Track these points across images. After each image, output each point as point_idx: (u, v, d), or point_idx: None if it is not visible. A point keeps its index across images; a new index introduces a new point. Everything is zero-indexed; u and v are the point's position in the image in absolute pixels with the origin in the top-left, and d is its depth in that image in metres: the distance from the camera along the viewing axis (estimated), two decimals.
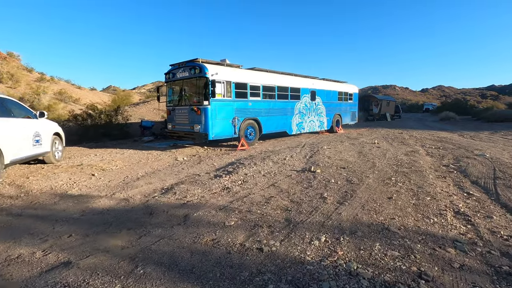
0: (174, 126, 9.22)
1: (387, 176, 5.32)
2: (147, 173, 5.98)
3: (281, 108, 10.73)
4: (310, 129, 12.58)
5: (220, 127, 8.44)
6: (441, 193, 4.29)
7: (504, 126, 17.72)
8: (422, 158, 7.17)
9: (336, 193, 4.25)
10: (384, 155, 7.48)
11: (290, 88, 11.12)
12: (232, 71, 8.88)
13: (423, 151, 8.23)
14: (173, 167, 6.49)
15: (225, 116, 8.57)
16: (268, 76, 10.30)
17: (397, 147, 9.02)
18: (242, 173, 5.52)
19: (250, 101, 9.38)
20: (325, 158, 7.06)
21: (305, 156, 7.46)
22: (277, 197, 4.11)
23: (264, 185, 4.81)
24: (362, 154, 7.72)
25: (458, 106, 37.08)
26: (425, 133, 13.99)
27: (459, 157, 7.25)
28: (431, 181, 4.96)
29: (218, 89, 8.28)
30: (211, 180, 5.10)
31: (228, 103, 8.64)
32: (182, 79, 8.74)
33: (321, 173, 5.50)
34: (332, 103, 13.99)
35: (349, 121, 15.98)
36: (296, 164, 6.44)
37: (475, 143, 9.88)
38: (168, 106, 9.51)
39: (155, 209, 3.73)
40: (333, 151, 8.11)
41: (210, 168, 6.33)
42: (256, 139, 9.77)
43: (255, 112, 9.64)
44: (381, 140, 10.90)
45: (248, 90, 9.29)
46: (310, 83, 12.36)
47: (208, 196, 4.23)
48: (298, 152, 8.00)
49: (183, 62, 8.63)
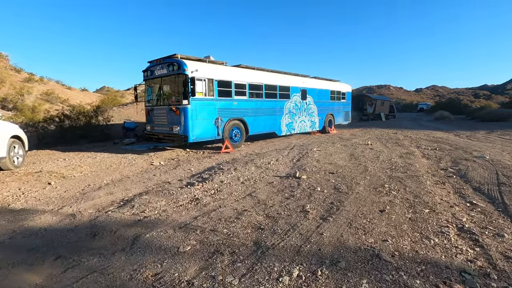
0: (153, 127, 8.57)
1: (380, 182, 4.75)
2: (113, 180, 5.33)
3: (269, 108, 10.14)
4: (301, 130, 12.01)
5: (201, 128, 7.81)
6: (440, 203, 3.73)
7: (499, 126, 17.38)
8: (418, 160, 6.63)
9: (321, 205, 3.66)
10: (377, 158, 6.93)
11: (279, 87, 10.54)
12: (215, 68, 8.26)
13: (418, 152, 7.70)
14: (145, 173, 5.85)
15: (207, 116, 7.94)
16: (255, 74, 9.70)
17: (392, 148, 8.49)
18: (218, 181, 4.91)
19: (235, 100, 8.77)
20: (314, 161, 6.48)
21: (292, 159, 6.88)
22: (251, 211, 3.50)
23: (240, 194, 4.20)
24: (354, 156, 7.16)
25: (452, 105, 36.95)
26: (420, 133, 13.52)
27: (457, 159, 6.74)
28: (428, 188, 4.40)
29: (198, 87, 7.66)
30: (181, 190, 4.47)
31: (210, 103, 8.02)
32: (160, 76, 8.10)
33: (306, 180, 4.92)
34: (324, 102, 13.45)
35: (342, 121, 15.46)
36: (281, 169, 5.84)
37: (473, 144, 9.40)
38: (146, 106, 8.85)
39: (102, 229, 3.10)
40: (323, 154, 7.54)
41: (186, 174, 5.70)
42: (242, 140, 9.16)
43: (241, 112, 9.03)
44: (374, 141, 10.37)
45: (232, 88, 8.68)
46: (300, 81, 11.79)
47: (171, 210, 3.61)
48: (285, 155, 7.41)
49: (161, 58, 7.99)
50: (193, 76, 7.36)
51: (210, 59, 8.59)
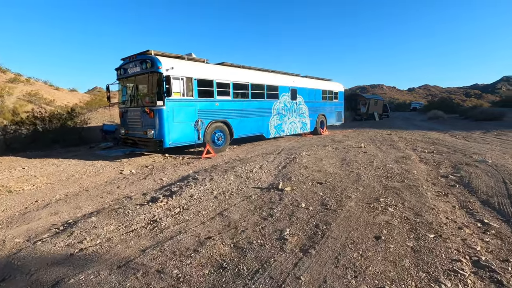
0: (127, 131, 7.81)
1: (374, 195, 4.12)
2: (68, 195, 4.59)
3: (256, 109, 9.47)
4: (291, 132, 11.37)
5: (179, 132, 7.09)
6: (446, 224, 3.10)
7: (493, 125, 17.04)
8: (415, 166, 6.04)
9: (303, 229, 3.00)
10: (371, 163, 6.32)
11: (266, 86, 9.87)
12: (194, 66, 7.55)
13: (415, 156, 7.12)
14: (108, 185, 5.12)
15: (185, 118, 7.23)
16: (240, 72, 9.01)
17: (386, 151, 7.90)
18: (187, 195, 4.21)
19: (217, 101, 8.07)
20: (301, 168, 5.83)
21: (278, 166, 6.21)
22: (217, 239, 2.82)
23: (209, 214, 3.52)
24: (345, 162, 6.53)
25: (445, 104, 36.82)
26: (415, 133, 13.01)
27: (458, 164, 6.17)
28: (430, 202, 3.79)
29: (175, 87, 6.94)
30: (141, 208, 3.76)
31: (188, 104, 7.31)
32: (133, 75, 7.35)
33: (290, 192, 4.26)
34: (315, 102, 12.84)
35: (334, 121, 14.88)
36: (263, 178, 5.17)
37: (470, 145, 8.89)
38: (120, 107, 8.10)
39: (18, 269, 2.39)
40: (312, 159, 6.90)
41: (154, 185, 4.99)
42: (226, 144, 8.47)
43: (224, 114, 8.33)
44: (368, 143, 9.79)
45: (214, 88, 7.98)
46: (290, 80, 11.15)
47: (117, 238, 2.91)
48: (271, 161, 6.74)
49: (134, 55, 7.25)
50: (169, 74, 6.64)
51: (187, 56, 7.88)
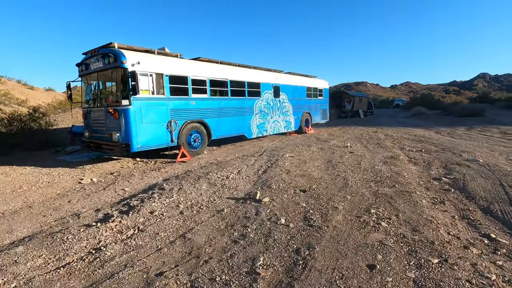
0: (91, 133, 7.00)
1: (364, 204, 3.61)
2: (5, 213, 3.82)
3: (236, 107, 8.85)
4: (274, 131, 10.82)
5: (148, 134, 6.37)
6: (450, 242, 2.63)
7: (475, 121, 17.23)
8: (405, 167, 5.63)
9: (281, 257, 2.43)
10: (358, 165, 5.86)
11: (247, 83, 9.26)
12: (165, 61, 6.83)
13: (404, 156, 6.74)
14: (58, 199, 4.37)
15: (156, 119, 6.51)
16: (217, 68, 8.35)
17: (374, 151, 7.50)
18: (147, 211, 3.55)
19: (192, 99, 7.39)
20: (283, 173, 5.28)
21: (258, 170, 5.64)
22: (170, 276, 2.20)
23: (168, 236, 2.89)
24: (331, 164, 6.04)
25: (426, 101, 37.45)
26: (400, 131, 12.80)
27: (449, 164, 5.81)
28: (427, 212, 3.32)
29: (143, 84, 6.21)
30: (85, 230, 3.08)
31: (159, 102, 6.59)
32: (96, 71, 6.55)
33: (269, 204, 3.69)
34: (299, 100, 12.36)
35: (319, 119, 14.48)
36: (240, 186, 4.58)
37: (458, 143, 8.66)
38: (83, 107, 7.26)
39: None
40: (295, 161, 6.37)
41: (113, 198, 4.29)
42: (203, 146, 7.80)
43: (201, 113, 7.66)
44: (354, 142, 9.40)
45: (189, 85, 7.29)
46: (272, 77, 10.59)
47: (40, 279, 2.23)
48: (251, 164, 6.16)
49: (96, 49, 6.44)
50: (134, 70, 5.90)
51: (160, 50, 7.14)
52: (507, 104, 30.48)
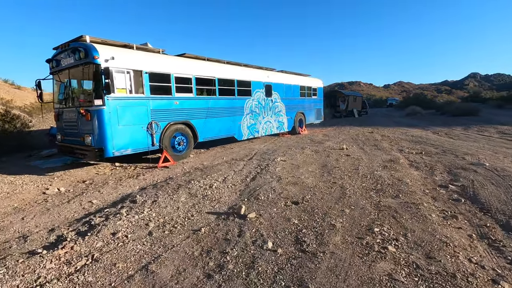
0: (63, 136, 6.36)
1: (366, 221, 3.11)
2: None
3: (225, 108, 8.28)
4: (266, 132, 10.29)
5: (126, 137, 5.77)
6: (474, 274, 2.13)
7: (470, 120, 17.00)
8: (407, 172, 5.16)
9: None
10: (356, 170, 5.37)
11: (237, 82, 8.71)
12: (145, 57, 6.23)
13: (404, 159, 6.28)
14: (11, 215, 3.76)
15: (134, 120, 5.91)
16: (204, 65, 7.78)
17: (371, 154, 7.02)
18: (109, 231, 2.97)
19: (176, 98, 6.80)
20: (273, 180, 4.74)
21: (246, 177, 5.09)
22: None
23: (128, 268, 2.33)
24: (326, 169, 5.54)
25: (420, 100, 37.45)
26: (397, 131, 12.41)
27: (453, 168, 5.37)
28: (440, 231, 2.82)
29: (119, 82, 5.61)
30: (25, 261, 2.49)
31: (138, 102, 5.99)
32: (67, 67, 5.92)
33: (255, 221, 3.15)
34: (293, 99, 11.85)
35: (314, 120, 14.00)
36: (224, 197, 4.03)
37: (458, 144, 8.26)
38: (55, 108, 6.61)
39: None
40: (288, 166, 5.85)
41: (76, 214, 3.70)
42: (189, 150, 7.22)
43: (186, 114, 7.08)
44: (350, 143, 8.93)
45: (172, 83, 6.70)
46: (264, 75, 10.05)
47: None
48: (239, 170, 5.61)
49: (67, 43, 5.81)
50: (108, 66, 5.29)
51: (141, 46, 6.54)
52: (499, 103, 30.77)
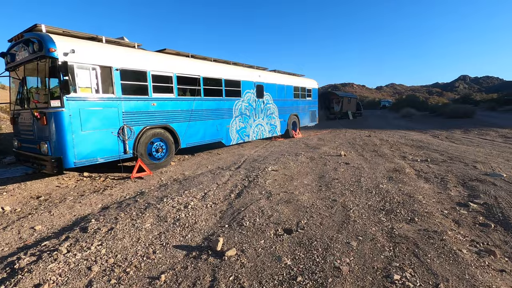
0: (20, 143, 5.49)
1: (380, 261, 2.37)
2: None
3: (211, 110, 7.50)
4: (257, 136, 9.54)
5: (91, 144, 4.94)
6: None
7: (466, 123, 16.61)
8: (416, 185, 4.47)
9: None
10: (358, 182, 4.66)
11: (225, 81, 7.93)
12: (115, 52, 5.40)
13: (409, 168, 5.61)
14: None
15: (102, 125, 5.08)
16: (187, 63, 6.98)
17: (372, 161, 6.34)
18: (31, 283, 2.16)
19: (153, 99, 5.99)
20: (262, 198, 3.99)
21: (231, 192, 4.32)
22: None
23: None
24: (324, 181, 4.81)
25: (413, 102, 37.38)
26: (395, 134, 11.82)
27: (467, 180, 4.72)
28: (481, 279, 2.11)
29: (82, 80, 4.78)
30: None
31: (106, 104, 5.16)
32: (22, 62, 5.06)
33: (235, 262, 2.39)
34: (286, 101, 11.14)
35: (308, 122, 13.33)
36: (200, 222, 3.25)
37: (463, 149, 7.66)
38: (11, 110, 5.73)
39: None
40: (280, 177, 5.10)
41: (6, 247, 2.87)
42: (169, 157, 6.41)
43: (166, 117, 6.28)
44: (348, 148, 8.25)
45: (149, 82, 5.89)
46: (255, 75, 9.31)
47: None
48: (223, 183, 4.84)
49: (20, 34, 4.95)
50: (67, 60, 4.47)
51: (112, 39, 5.71)
52: (492, 105, 30.89)
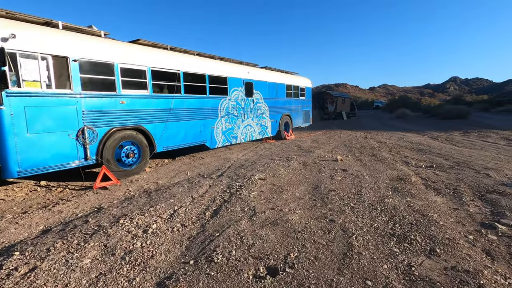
0: None
1: None
2: None
3: (193, 109, 6.71)
4: (246, 138, 8.79)
5: (40, 149, 4.11)
6: None
7: (462, 124, 16.25)
8: (427, 199, 3.79)
9: None
10: (359, 195, 3.95)
11: (209, 77, 7.15)
12: (73, 40, 4.57)
13: (415, 177, 4.94)
14: None
15: (54, 126, 4.26)
16: (164, 56, 6.18)
17: (372, 168, 5.66)
18: None
19: (122, 96, 5.18)
20: (244, 217, 3.24)
21: (206, 208, 3.56)
22: None
23: None
24: (319, 193, 4.09)
25: (406, 102, 37.30)
26: (392, 136, 11.23)
27: (483, 191, 4.07)
28: None
29: (28, 72, 3.95)
30: None
31: (61, 101, 4.34)
32: None
33: None
34: (278, 100, 10.42)
35: (301, 123, 12.64)
36: (158, 257, 2.48)
37: (467, 154, 7.06)
38: None
39: None
40: (267, 189, 4.36)
41: None
42: (142, 162, 5.60)
43: (138, 116, 5.47)
44: (344, 152, 7.57)
45: (117, 76, 5.08)
46: (244, 71, 8.56)
47: None
48: (200, 196, 4.07)
49: None
50: (4, 47, 3.63)
51: (74, 26, 4.87)
52: (485, 106, 30.99)
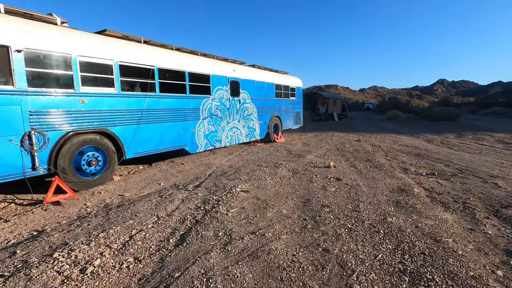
0: None
1: None
2: None
3: (170, 109, 6.01)
4: (232, 141, 8.13)
5: None
6: None
7: (452, 125, 16.08)
8: (436, 218, 3.22)
9: None
10: (356, 212, 3.36)
11: (189, 75, 6.46)
12: (18, 27, 3.82)
13: (417, 187, 4.39)
14: None
15: None
16: (136, 49, 5.46)
17: (369, 176, 5.09)
18: None
19: (83, 95, 4.44)
20: (216, 248, 2.58)
21: (170, 235, 2.88)
22: None
23: None
24: (310, 209, 3.48)
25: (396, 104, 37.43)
26: (386, 138, 10.78)
27: (496, 205, 3.55)
28: None
29: None
30: None
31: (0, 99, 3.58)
32: None
33: None
34: (267, 100, 9.80)
35: (292, 125, 12.05)
36: None
37: (467, 159, 6.61)
38: None
39: None
40: (249, 204, 3.71)
41: None
42: (108, 171, 4.87)
43: (103, 118, 4.73)
44: (337, 156, 7.00)
45: (75, 71, 4.34)
46: (229, 69, 7.89)
47: None
48: (167, 215, 3.39)
49: None
50: None
51: (19, 9, 4.11)
52: (473, 108, 31.44)
